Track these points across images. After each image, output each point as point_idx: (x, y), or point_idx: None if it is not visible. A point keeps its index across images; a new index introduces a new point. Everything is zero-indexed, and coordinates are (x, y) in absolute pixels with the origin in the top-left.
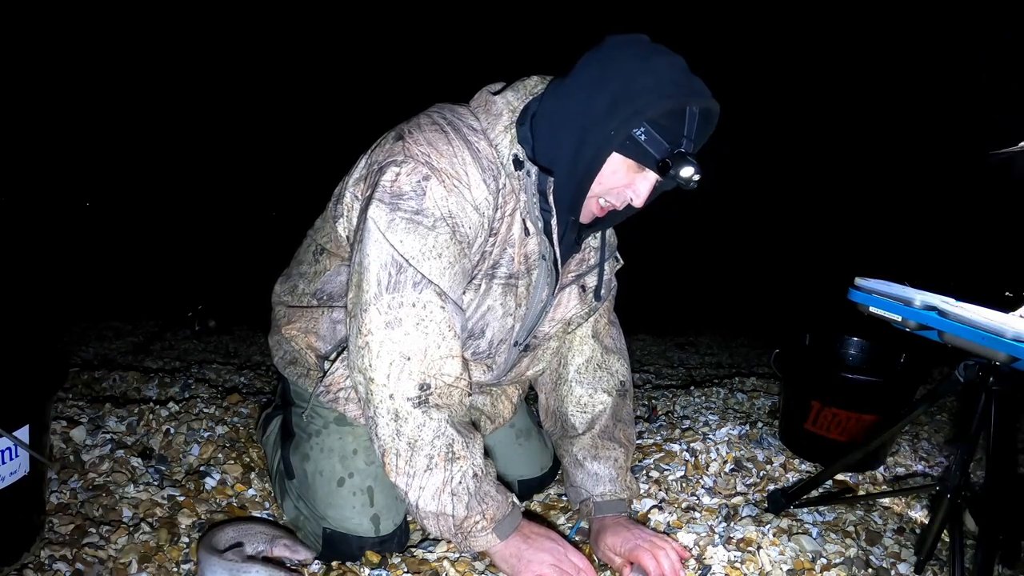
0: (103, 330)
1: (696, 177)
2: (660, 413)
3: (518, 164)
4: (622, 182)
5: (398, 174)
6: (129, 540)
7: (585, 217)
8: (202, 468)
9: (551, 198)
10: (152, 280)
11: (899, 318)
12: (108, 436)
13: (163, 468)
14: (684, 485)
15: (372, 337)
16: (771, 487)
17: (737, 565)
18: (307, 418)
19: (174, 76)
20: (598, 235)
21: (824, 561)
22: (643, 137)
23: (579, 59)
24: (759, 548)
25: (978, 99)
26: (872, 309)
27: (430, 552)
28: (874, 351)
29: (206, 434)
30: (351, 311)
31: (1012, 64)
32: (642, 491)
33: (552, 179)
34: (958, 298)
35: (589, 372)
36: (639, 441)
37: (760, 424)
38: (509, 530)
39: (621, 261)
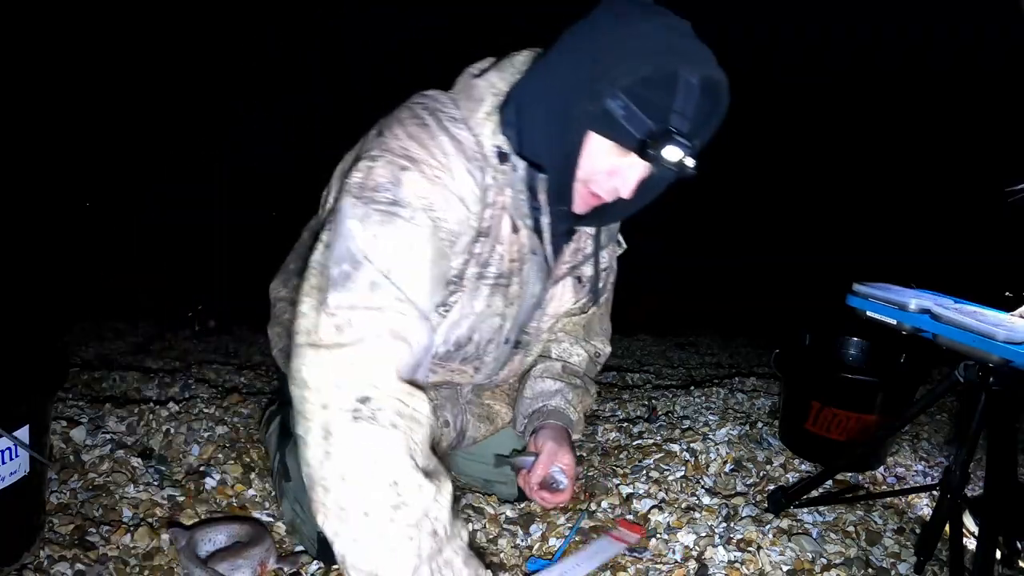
0: (103, 330)
1: (689, 162)
2: (660, 413)
3: (502, 157)
4: (605, 167)
5: (371, 168)
6: (131, 540)
7: (579, 207)
8: (202, 468)
9: (541, 196)
10: (152, 280)
11: (895, 322)
12: (108, 436)
13: (163, 468)
14: (684, 485)
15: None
16: (771, 487)
17: (737, 565)
18: None
19: (174, 76)
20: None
21: (824, 561)
22: (621, 112)
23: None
24: (759, 548)
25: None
26: (869, 313)
27: None
28: (874, 351)
29: (206, 434)
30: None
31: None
32: (642, 491)
33: (542, 175)
34: (958, 299)
35: (570, 336)
36: (639, 441)
37: (760, 424)
38: None
39: (623, 245)
